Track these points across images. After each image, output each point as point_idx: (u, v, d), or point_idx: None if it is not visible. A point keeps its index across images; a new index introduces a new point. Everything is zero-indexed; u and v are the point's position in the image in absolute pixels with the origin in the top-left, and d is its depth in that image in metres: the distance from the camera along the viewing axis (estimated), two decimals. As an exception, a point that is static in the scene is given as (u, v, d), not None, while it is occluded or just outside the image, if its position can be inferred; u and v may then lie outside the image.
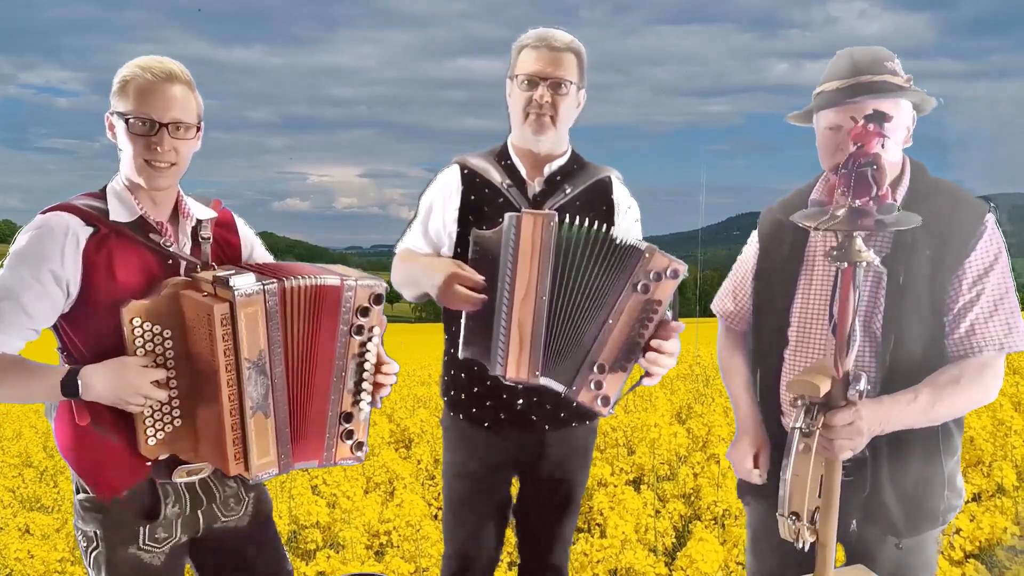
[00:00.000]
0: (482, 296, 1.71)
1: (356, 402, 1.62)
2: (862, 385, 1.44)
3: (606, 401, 1.69)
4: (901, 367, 1.61)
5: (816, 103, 1.67)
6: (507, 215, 1.69)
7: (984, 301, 1.60)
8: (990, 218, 1.62)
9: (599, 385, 1.68)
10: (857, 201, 1.35)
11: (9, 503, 5.82)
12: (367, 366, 1.61)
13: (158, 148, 1.52)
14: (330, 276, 1.55)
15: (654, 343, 1.67)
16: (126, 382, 1.46)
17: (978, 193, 1.69)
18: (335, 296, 1.54)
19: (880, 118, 1.38)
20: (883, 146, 1.37)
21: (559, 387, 1.72)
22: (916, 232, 1.47)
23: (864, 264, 1.39)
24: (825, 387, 1.43)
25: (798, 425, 1.43)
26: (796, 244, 1.76)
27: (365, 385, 1.62)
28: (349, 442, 1.62)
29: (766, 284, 1.84)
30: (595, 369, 1.68)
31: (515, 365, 1.70)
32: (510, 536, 2.26)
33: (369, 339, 1.59)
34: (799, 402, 1.45)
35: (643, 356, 1.68)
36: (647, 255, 1.64)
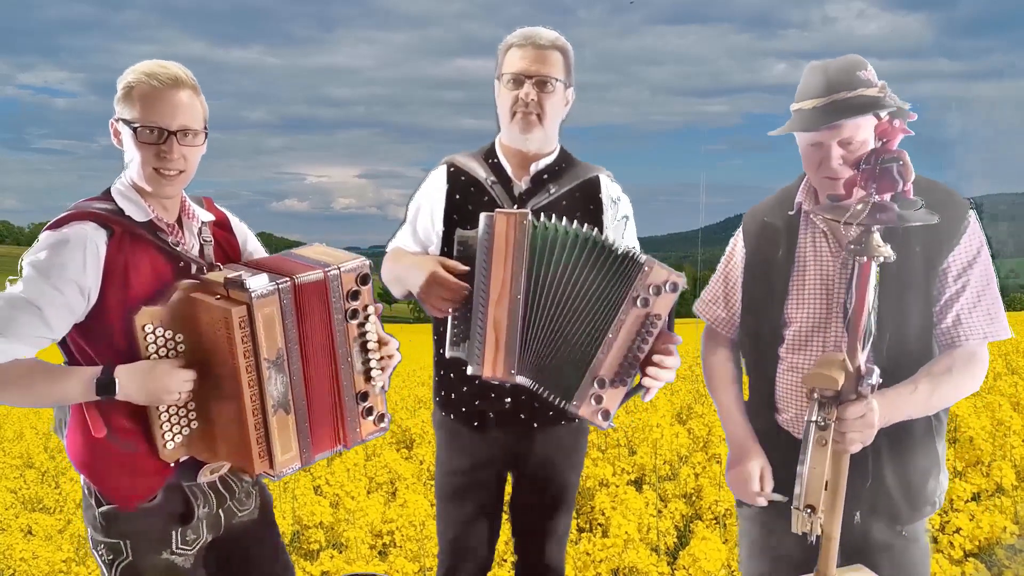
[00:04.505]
0: (456, 301, 1.71)
1: (368, 379, 1.62)
2: (874, 379, 1.46)
3: (606, 415, 1.69)
4: (896, 357, 1.65)
5: (796, 123, 1.67)
6: (482, 215, 1.69)
7: (968, 293, 1.66)
8: (972, 214, 1.68)
9: (599, 400, 1.68)
10: (878, 196, 1.37)
11: (11, 504, 5.82)
12: (370, 345, 1.61)
13: (167, 156, 1.50)
14: (312, 271, 1.52)
15: (655, 358, 1.66)
16: (160, 381, 1.45)
17: (976, 193, 1.73)
18: (322, 287, 1.52)
19: (903, 115, 1.41)
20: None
21: (530, 383, 1.73)
22: (907, 228, 1.49)
23: (882, 259, 1.41)
24: (842, 380, 1.44)
25: (814, 419, 1.45)
26: (788, 243, 1.78)
27: (373, 363, 1.62)
28: (371, 417, 1.63)
29: (759, 285, 1.85)
30: (595, 384, 1.67)
31: (491, 364, 1.70)
32: (510, 536, 2.28)
33: (366, 319, 1.59)
34: (814, 395, 1.46)
35: (642, 370, 1.67)
36: (647, 268, 1.63)
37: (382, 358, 1.64)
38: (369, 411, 1.63)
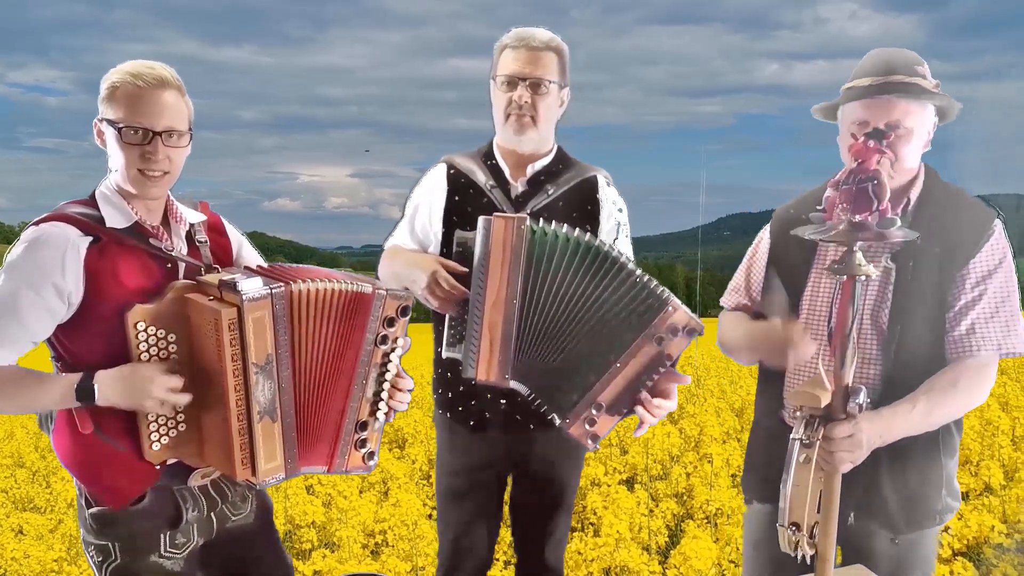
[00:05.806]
0: (456, 302, 1.71)
1: (373, 412, 1.62)
2: (861, 398, 1.45)
3: (595, 438, 1.69)
4: (906, 360, 1.63)
5: (844, 96, 1.68)
6: (480, 218, 1.69)
7: (986, 302, 1.62)
8: (998, 224, 1.66)
9: (592, 423, 1.67)
10: (857, 216, 1.37)
11: (2, 503, 5.80)
12: (387, 376, 1.61)
13: (152, 157, 1.49)
14: (363, 283, 1.54)
15: (656, 401, 1.66)
16: (140, 387, 1.44)
17: (973, 194, 1.73)
18: (366, 303, 1.54)
19: (879, 136, 1.41)
20: (879, 162, 1.40)
21: (526, 391, 1.72)
22: (926, 231, 1.49)
23: (863, 278, 1.41)
24: (826, 399, 1.44)
25: (798, 436, 1.44)
26: (808, 247, 1.77)
27: (383, 396, 1.61)
28: (362, 451, 1.62)
29: (779, 278, 1.85)
30: (592, 408, 1.67)
31: (485, 368, 1.70)
32: (509, 536, 2.29)
33: (392, 349, 1.59)
34: (799, 413, 1.46)
35: (641, 405, 1.67)
36: (671, 309, 1.61)
37: (391, 398, 1.63)
38: (362, 443, 1.62)
